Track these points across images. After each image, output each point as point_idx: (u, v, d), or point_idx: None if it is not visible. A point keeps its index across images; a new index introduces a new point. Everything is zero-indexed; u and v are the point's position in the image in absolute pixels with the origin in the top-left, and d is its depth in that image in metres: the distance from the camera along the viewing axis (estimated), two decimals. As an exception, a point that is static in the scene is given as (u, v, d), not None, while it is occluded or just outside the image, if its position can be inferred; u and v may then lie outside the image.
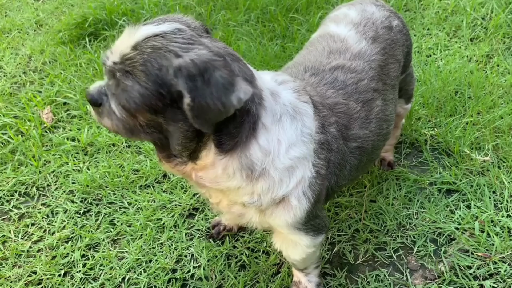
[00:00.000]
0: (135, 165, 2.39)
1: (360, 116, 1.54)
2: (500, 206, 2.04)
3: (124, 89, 1.12)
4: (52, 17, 3.95)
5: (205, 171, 1.28)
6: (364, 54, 1.62)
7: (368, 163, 1.70)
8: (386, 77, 1.66)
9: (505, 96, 2.57)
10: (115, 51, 1.15)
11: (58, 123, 2.76)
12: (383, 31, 1.71)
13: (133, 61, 1.10)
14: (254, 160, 1.25)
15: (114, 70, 1.14)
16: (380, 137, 1.64)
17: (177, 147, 1.22)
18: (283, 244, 1.57)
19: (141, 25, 1.17)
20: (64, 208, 2.23)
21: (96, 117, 1.24)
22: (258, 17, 3.50)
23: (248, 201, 1.33)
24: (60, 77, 3.09)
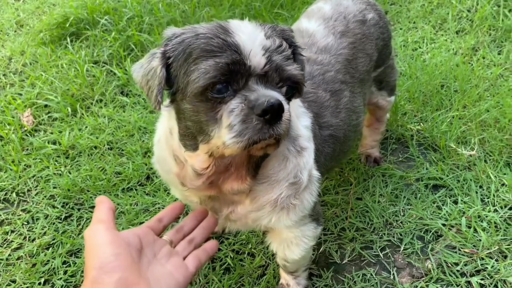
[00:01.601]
0: (117, 167, 2.34)
1: (330, 105, 1.55)
2: (487, 200, 2.02)
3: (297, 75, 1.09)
4: (33, 17, 3.87)
5: (266, 165, 1.25)
6: (330, 48, 1.63)
7: (340, 154, 1.71)
8: (354, 70, 1.67)
9: (491, 88, 2.54)
10: (254, 48, 1.02)
11: (39, 126, 2.70)
12: (355, 25, 1.71)
13: (283, 47, 1.08)
14: (295, 129, 1.27)
15: (274, 64, 1.04)
16: (350, 128, 1.64)
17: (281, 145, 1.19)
18: (282, 244, 1.53)
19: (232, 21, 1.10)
20: (45, 214, 2.17)
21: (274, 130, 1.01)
22: (242, 13, 3.44)
23: (292, 181, 1.28)
24: (41, 78, 3.02)
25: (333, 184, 2.14)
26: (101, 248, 1.02)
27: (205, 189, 1.25)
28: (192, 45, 1.04)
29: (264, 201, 1.29)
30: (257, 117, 0.98)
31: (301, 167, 1.29)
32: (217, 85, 1.01)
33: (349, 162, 2.25)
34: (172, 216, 1.34)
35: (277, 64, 1.04)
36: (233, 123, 0.99)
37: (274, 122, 0.99)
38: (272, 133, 1.00)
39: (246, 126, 0.99)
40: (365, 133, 2.23)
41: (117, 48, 3.15)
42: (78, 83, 2.93)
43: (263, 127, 0.99)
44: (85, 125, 2.64)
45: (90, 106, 2.78)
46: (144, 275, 1.08)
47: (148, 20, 3.33)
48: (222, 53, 1.00)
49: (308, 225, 1.46)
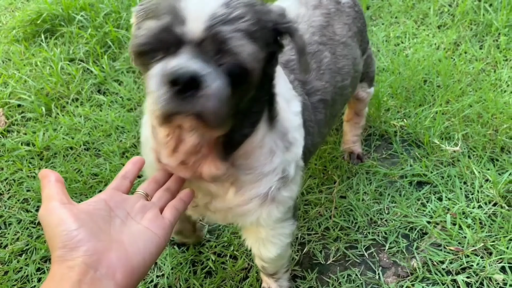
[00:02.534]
0: (94, 169, 2.25)
1: (312, 68, 1.51)
2: (471, 197, 2.00)
3: (242, 55, 0.91)
4: (6, 13, 3.74)
5: (248, 154, 1.16)
6: (303, 17, 1.61)
7: (332, 119, 1.67)
8: (332, 34, 1.64)
9: (473, 83, 2.53)
10: (197, 14, 0.90)
11: (12, 126, 2.60)
12: (328, 2, 1.70)
13: (244, 19, 0.92)
14: (284, 123, 1.20)
15: (215, 35, 0.90)
16: (337, 90, 1.60)
17: (246, 129, 1.10)
18: (257, 242, 1.46)
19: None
20: (17, 218, 2.08)
21: (187, 105, 0.90)
22: (222, 9, 3.38)
23: (281, 176, 1.21)
24: (14, 77, 2.91)
25: (317, 183, 2.10)
26: (60, 226, 0.94)
27: (180, 169, 1.16)
28: (152, 5, 0.97)
29: (253, 194, 1.23)
30: (169, 86, 0.88)
31: (288, 161, 1.24)
32: (146, 51, 0.94)
33: (332, 160, 2.21)
34: (135, 169, 1.22)
35: (217, 34, 0.90)
36: (151, 89, 0.91)
37: (189, 95, 0.88)
38: (184, 108, 0.90)
39: (160, 95, 0.89)
40: (346, 128, 2.20)
41: (94, 45, 3.06)
42: (53, 81, 2.82)
43: (173, 98, 0.89)
44: (60, 125, 2.55)
45: (65, 105, 2.69)
46: (118, 238, 1.01)
47: (126, 16, 3.24)
48: (162, 16, 0.92)
49: (288, 221, 1.41)
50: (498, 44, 2.83)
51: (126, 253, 0.98)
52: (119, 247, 0.99)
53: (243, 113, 1.05)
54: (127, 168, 1.23)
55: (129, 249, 1.00)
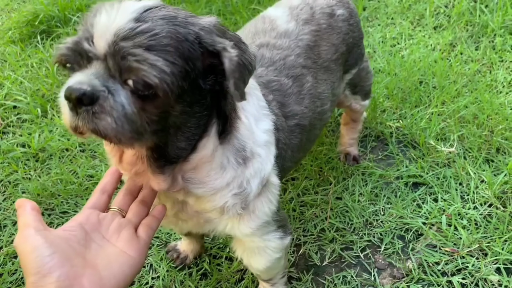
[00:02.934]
0: (89, 170, 2.25)
1: (293, 92, 1.50)
2: (467, 198, 2.00)
3: (144, 71, 0.89)
4: (2, 15, 3.73)
5: (197, 169, 1.14)
6: (291, 33, 1.58)
7: (308, 144, 1.66)
8: (316, 57, 1.62)
9: (469, 84, 2.53)
10: (102, 30, 0.91)
11: (7, 128, 2.59)
12: (321, 16, 1.67)
13: (151, 34, 0.90)
14: (243, 139, 1.17)
15: (117, 51, 0.90)
16: (315, 115, 1.59)
17: (182, 143, 1.07)
18: (245, 252, 1.45)
19: (122, 2, 0.97)
20: (13, 220, 2.08)
21: (82, 121, 0.92)
22: (219, 10, 3.38)
23: (237, 192, 1.19)
24: (9, 78, 2.90)
25: (312, 184, 2.10)
26: (34, 252, 0.95)
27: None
28: (81, 21, 1.00)
29: (209, 206, 1.22)
30: (66, 101, 0.91)
31: (246, 177, 1.20)
32: (62, 64, 0.97)
33: (328, 161, 2.21)
34: (114, 181, 1.24)
35: (117, 51, 0.89)
36: (60, 100, 0.94)
37: (84, 112, 0.90)
38: (78, 123, 0.92)
39: (63, 107, 0.93)
40: (343, 131, 2.20)
41: (90, 46, 3.05)
42: (48, 83, 2.82)
43: (70, 113, 0.92)
44: (56, 126, 2.55)
45: (61, 106, 2.68)
46: (93, 262, 1.03)
47: (122, 17, 3.23)
48: (78, 32, 0.95)
49: (273, 233, 1.38)
50: (493, 45, 2.84)
51: (99, 278, 1.00)
52: (93, 271, 1.00)
53: (175, 128, 1.03)
54: (105, 180, 1.24)
55: (103, 273, 1.01)
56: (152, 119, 0.96)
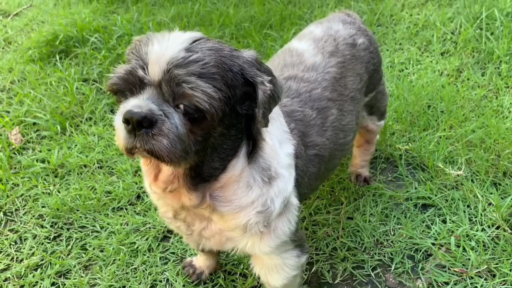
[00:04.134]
0: (107, 186, 2.32)
1: (316, 123, 1.56)
2: (475, 220, 2.05)
3: (196, 97, 1.00)
4: (22, 34, 3.86)
5: (225, 187, 1.23)
6: (318, 66, 1.65)
7: (326, 173, 1.71)
8: (343, 88, 1.68)
9: (476, 109, 2.61)
10: (157, 58, 1.01)
11: (27, 144, 2.68)
12: (344, 47, 1.74)
13: (202, 63, 1.01)
14: (269, 159, 1.26)
15: (171, 78, 1.00)
16: (337, 146, 1.65)
17: (216, 163, 1.17)
18: (263, 269, 1.51)
19: (169, 33, 1.08)
20: (33, 234, 2.14)
21: (140, 142, 1.00)
22: (232, 33, 3.49)
23: (260, 210, 1.26)
24: (29, 96, 3.00)
25: (324, 204, 2.16)
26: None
27: (166, 196, 1.25)
28: (130, 51, 1.10)
29: (233, 224, 1.29)
30: (124, 124, 1.01)
31: (271, 196, 1.27)
32: (116, 91, 1.07)
33: (339, 181, 2.28)
34: None
35: (172, 78, 1.00)
36: (115, 123, 1.04)
37: (142, 134, 1.00)
38: (136, 144, 1.01)
39: (120, 130, 1.03)
40: (355, 153, 2.26)
41: (107, 66, 3.16)
42: (67, 101, 2.92)
43: (127, 135, 1.01)
44: (74, 143, 2.63)
45: (79, 124, 2.77)
46: None
47: (138, 38, 3.34)
48: (131, 60, 1.05)
49: (290, 252, 1.45)
50: (499, 72, 2.92)
51: None
52: None
53: (212, 148, 1.14)
54: None
55: None
56: (197, 140, 1.07)
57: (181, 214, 1.35)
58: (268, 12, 3.69)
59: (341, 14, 1.96)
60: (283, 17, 3.62)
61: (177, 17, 3.78)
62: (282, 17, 3.61)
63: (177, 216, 1.36)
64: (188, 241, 1.48)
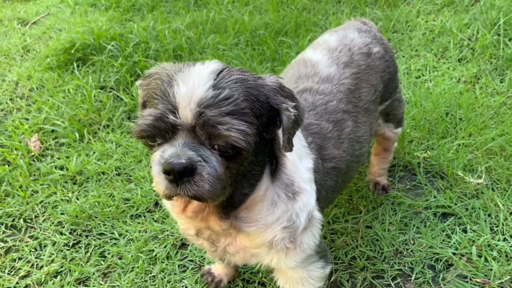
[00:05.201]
0: (125, 194, 2.33)
1: (333, 136, 1.55)
2: (496, 229, 2.02)
3: (233, 137, 1.00)
4: (39, 42, 3.92)
5: (250, 208, 1.24)
6: (333, 78, 1.64)
7: (342, 185, 1.71)
8: (357, 100, 1.67)
9: (495, 117, 2.58)
10: (186, 101, 0.99)
11: (46, 151, 2.71)
12: (359, 57, 1.73)
13: (231, 100, 1.00)
14: (291, 174, 1.27)
15: (205, 121, 0.99)
16: (353, 158, 1.64)
17: (246, 189, 1.19)
18: (288, 283, 1.51)
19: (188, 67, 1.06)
20: (52, 241, 2.16)
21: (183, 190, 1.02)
22: (247, 41, 3.50)
23: (286, 225, 1.27)
24: (47, 103, 3.04)
25: (343, 212, 2.14)
26: None
27: (194, 221, 1.26)
28: (150, 89, 1.08)
29: (259, 241, 1.30)
30: (164, 175, 1.01)
31: (296, 210, 1.28)
32: (145, 137, 1.05)
33: (357, 190, 2.26)
34: None
35: (206, 120, 0.99)
36: (153, 172, 1.04)
37: (181, 182, 1.01)
38: (179, 192, 1.02)
39: (159, 180, 1.03)
40: (373, 161, 2.25)
41: (124, 74, 3.19)
42: (85, 108, 2.95)
43: (169, 185, 1.02)
44: (92, 150, 2.65)
45: (97, 131, 2.80)
46: None
47: (154, 46, 3.38)
48: (158, 104, 1.02)
49: (315, 264, 1.45)
50: (518, 78, 2.89)
51: None
52: None
53: (242, 176, 1.15)
54: None
55: None
56: (232, 173, 1.08)
57: (204, 233, 1.36)
58: (283, 19, 3.69)
59: (357, 22, 1.95)
60: (298, 24, 3.62)
61: (193, 24, 3.80)
62: (297, 24, 3.62)
63: (200, 235, 1.37)
64: (212, 256, 1.49)
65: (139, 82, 1.16)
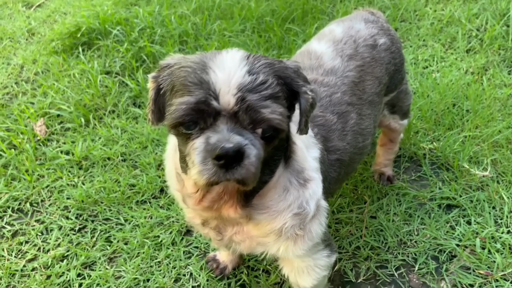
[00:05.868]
0: (131, 179, 2.34)
1: (337, 128, 1.56)
2: (500, 222, 2.03)
3: (276, 119, 1.03)
4: (44, 26, 3.89)
5: (263, 195, 1.25)
6: (337, 70, 1.64)
7: (344, 177, 1.72)
8: (361, 92, 1.67)
9: (503, 109, 2.57)
10: (226, 86, 1.00)
11: (52, 135, 2.71)
12: (364, 49, 1.72)
13: (268, 84, 1.04)
14: (301, 161, 1.28)
15: (249, 105, 1.01)
16: (356, 150, 1.65)
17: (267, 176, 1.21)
18: (293, 271, 1.53)
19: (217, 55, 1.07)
20: (58, 225, 2.18)
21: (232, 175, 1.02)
22: (254, 27, 3.48)
23: (296, 212, 1.28)
24: (53, 88, 3.04)
25: (347, 202, 2.15)
26: None
27: (203, 211, 1.26)
28: (176, 78, 1.07)
29: (268, 229, 1.30)
30: (213, 161, 1.00)
31: (306, 197, 1.29)
32: (185, 123, 1.04)
33: (363, 180, 2.27)
34: None
35: (249, 105, 1.01)
36: (195, 161, 1.03)
37: (231, 167, 1.01)
38: (228, 177, 1.02)
39: (205, 168, 1.01)
40: (379, 152, 2.25)
41: (129, 59, 3.17)
42: (90, 93, 2.94)
43: (218, 170, 1.01)
44: (98, 136, 2.66)
45: (102, 116, 2.80)
46: None
47: (160, 31, 3.36)
48: (195, 91, 1.02)
49: (321, 252, 1.47)
50: (526, 70, 2.87)
51: None
52: None
53: (264, 163, 1.14)
54: None
55: None
56: (264, 157, 1.10)
57: (211, 223, 1.36)
58: (290, 6, 3.66)
59: (365, 12, 1.94)
60: (305, 11, 3.59)
61: (199, 10, 3.77)
62: (304, 11, 3.59)
63: (206, 225, 1.38)
64: (217, 245, 1.50)
65: (154, 74, 1.15)
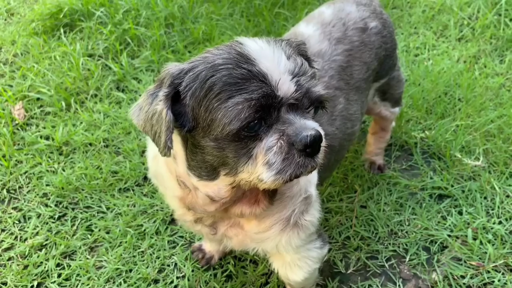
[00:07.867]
0: (113, 166, 2.26)
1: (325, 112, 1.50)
2: (492, 212, 2.00)
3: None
4: (24, 6, 3.73)
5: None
6: (324, 54, 1.59)
7: (334, 164, 1.69)
8: (349, 77, 1.62)
9: (495, 99, 2.53)
10: (282, 76, 0.98)
11: (31, 120, 2.60)
12: (353, 33, 1.66)
13: (305, 65, 1.05)
14: None
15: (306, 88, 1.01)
16: (345, 136, 1.62)
17: None
18: (284, 266, 1.47)
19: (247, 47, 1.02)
20: (37, 213, 2.08)
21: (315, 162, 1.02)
22: (242, 11, 3.38)
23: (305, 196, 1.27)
24: (32, 70, 2.91)
25: (337, 191, 2.10)
26: None
27: (217, 212, 1.22)
28: (211, 79, 0.98)
29: (274, 220, 1.27)
30: (299, 152, 0.97)
31: (310, 181, 1.28)
32: (252, 123, 0.98)
33: (353, 169, 2.22)
34: None
35: (306, 89, 1.01)
36: (272, 161, 0.97)
37: (316, 154, 0.99)
38: (313, 165, 1.00)
39: (288, 163, 0.98)
40: (370, 140, 2.19)
41: (113, 42, 3.06)
42: (72, 76, 2.83)
43: (305, 161, 0.99)
44: (79, 120, 2.55)
45: (84, 101, 2.69)
46: None
47: (145, 13, 3.24)
48: (249, 86, 0.95)
49: (314, 243, 1.42)
50: (518, 60, 2.84)
51: None
52: None
53: None
54: None
55: None
56: None
57: (207, 220, 1.31)
58: (279, -9, 3.57)
59: None
60: (295, -4, 3.50)
61: (186, -8, 3.66)
62: (294, -4, 3.50)
63: (199, 222, 1.32)
64: (210, 239, 1.44)
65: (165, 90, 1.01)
